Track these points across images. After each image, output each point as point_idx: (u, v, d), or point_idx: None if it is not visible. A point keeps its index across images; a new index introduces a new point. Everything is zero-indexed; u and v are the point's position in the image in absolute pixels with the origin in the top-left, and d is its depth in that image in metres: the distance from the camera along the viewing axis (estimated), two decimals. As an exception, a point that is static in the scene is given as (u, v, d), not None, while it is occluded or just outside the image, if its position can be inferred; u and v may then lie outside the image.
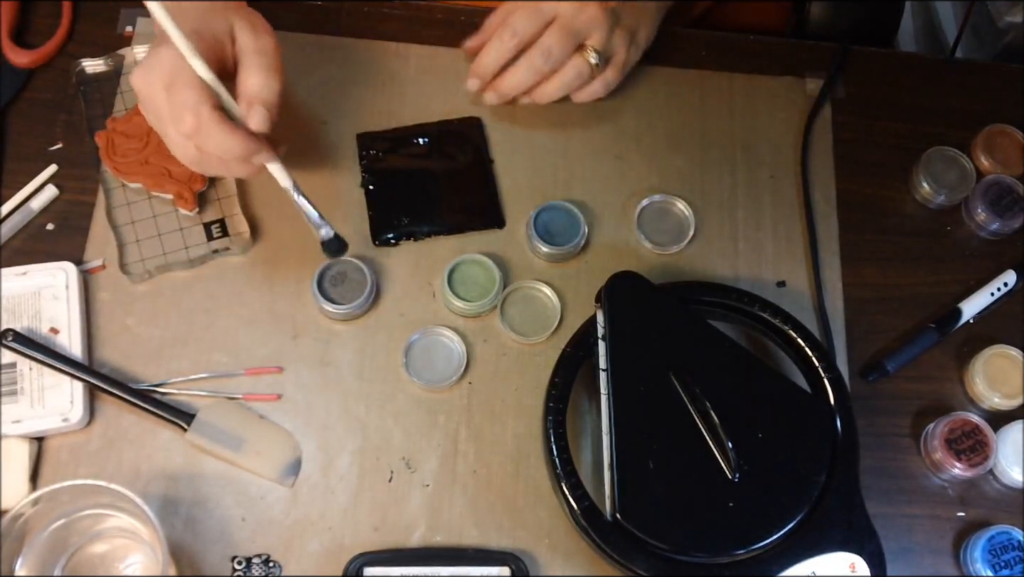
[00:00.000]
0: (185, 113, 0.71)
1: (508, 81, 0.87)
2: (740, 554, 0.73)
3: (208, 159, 0.75)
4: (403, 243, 0.87)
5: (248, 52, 0.75)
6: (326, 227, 0.80)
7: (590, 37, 0.87)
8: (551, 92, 0.88)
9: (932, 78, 0.98)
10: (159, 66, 0.72)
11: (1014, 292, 0.89)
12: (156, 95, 0.73)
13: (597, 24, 0.87)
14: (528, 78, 0.87)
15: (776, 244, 0.90)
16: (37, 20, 0.92)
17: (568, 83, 0.88)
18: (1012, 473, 0.82)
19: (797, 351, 0.81)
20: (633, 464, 0.73)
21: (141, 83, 0.74)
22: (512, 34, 0.86)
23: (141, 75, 0.74)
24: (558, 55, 0.86)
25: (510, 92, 0.88)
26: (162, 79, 0.72)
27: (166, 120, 0.74)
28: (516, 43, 0.86)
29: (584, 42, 0.87)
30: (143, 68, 0.74)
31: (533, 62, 0.86)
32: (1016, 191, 0.91)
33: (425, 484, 0.80)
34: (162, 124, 0.75)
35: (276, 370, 0.82)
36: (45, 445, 0.79)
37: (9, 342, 0.78)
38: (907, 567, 0.81)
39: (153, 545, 0.71)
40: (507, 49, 0.86)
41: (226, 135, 0.72)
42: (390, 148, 0.89)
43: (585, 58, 0.87)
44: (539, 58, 0.86)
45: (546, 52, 0.86)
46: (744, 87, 0.96)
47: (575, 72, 0.87)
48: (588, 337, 0.79)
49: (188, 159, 0.75)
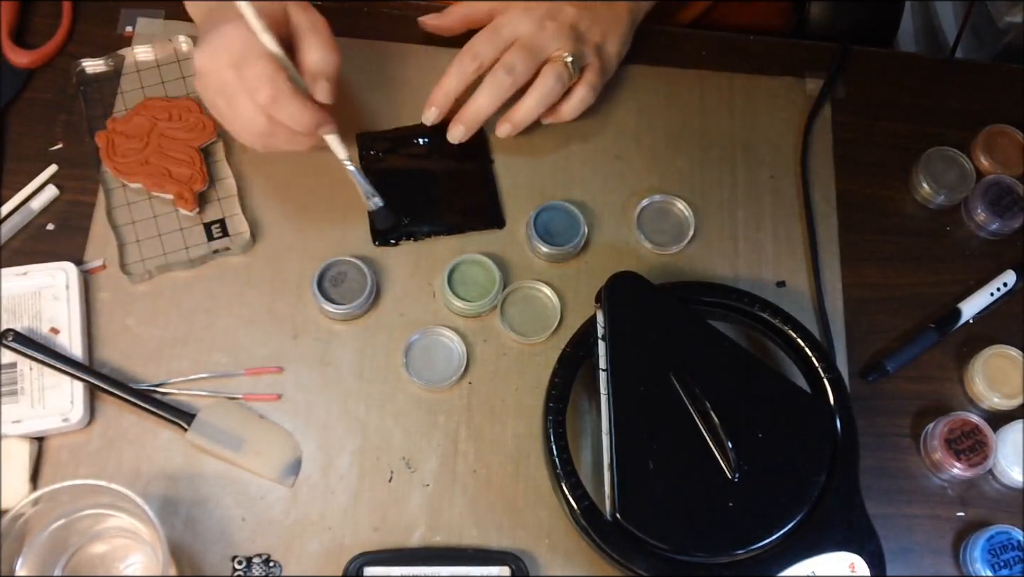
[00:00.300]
0: (263, 84, 0.74)
1: (474, 106, 0.86)
2: (740, 554, 0.73)
3: (277, 132, 0.77)
4: (403, 243, 0.87)
5: (305, 29, 0.77)
6: (376, 197, 0.83)
7: (554, 50, 0.86)
8: (530, 107, 0.86)
9: (932, 78, 0.98)
10: (225, 44, 0.74)
11: (1014, 292, 0.89)
12: (221, 71, 0.75)
13: (559, 38, 0.86)
14: (494, 97, 0.85)
15: (776, 244, 0.90)
16: (37, 20, 0.92)
17: (547, 92, 0.86)
18: (1012, 473, 0.82)
19: (797, 351, 0.81)
20: (633, 464, 0.73)
21: (206, 60, 0.76)
22: (472, 57, 0.85)
23: (207, 53, 0.76)
24: (521, 69, 0.84)
25: (477, 118, 0.86)
26: (230, 56, 0.74)
27: (232, 95, 0.75)
28: (476, 66, 0.85)
29: (550, 54, 0.86)
30: (208, 46, 0.75)
31: (496, 79, 0.84)
32: (1016, 191, 0.91)
33: (425, 484, 0.80)
34: (226, 100, 0.76)
35: (276, 370, 0.82)
36: (45, 445, 0.79)
37: (9, 342, 0.78)
38: (907, 567, 0.81)
39: (153, 545, 0.71)
40: (467, 73, 0.85)
41: (300, 106, 0.75)
42: (390, 148, 0.89)
43: (560, 61, 0.85)
44: (502, 74, 0.84)
45: (508, 67, 0.84)
46: (744, 87, 0.96)
47: (553, 77, 0.85)
48: (588, 337, 0.79)
49: (255, 132, 0.77)
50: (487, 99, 0.85)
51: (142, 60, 0.90)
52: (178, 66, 0.90)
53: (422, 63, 0.93)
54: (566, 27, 0.86)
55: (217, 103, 0.78)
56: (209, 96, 0.78)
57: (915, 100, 0.97)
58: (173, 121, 0.87)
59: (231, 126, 0.79)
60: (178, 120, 0.87)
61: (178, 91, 0.89)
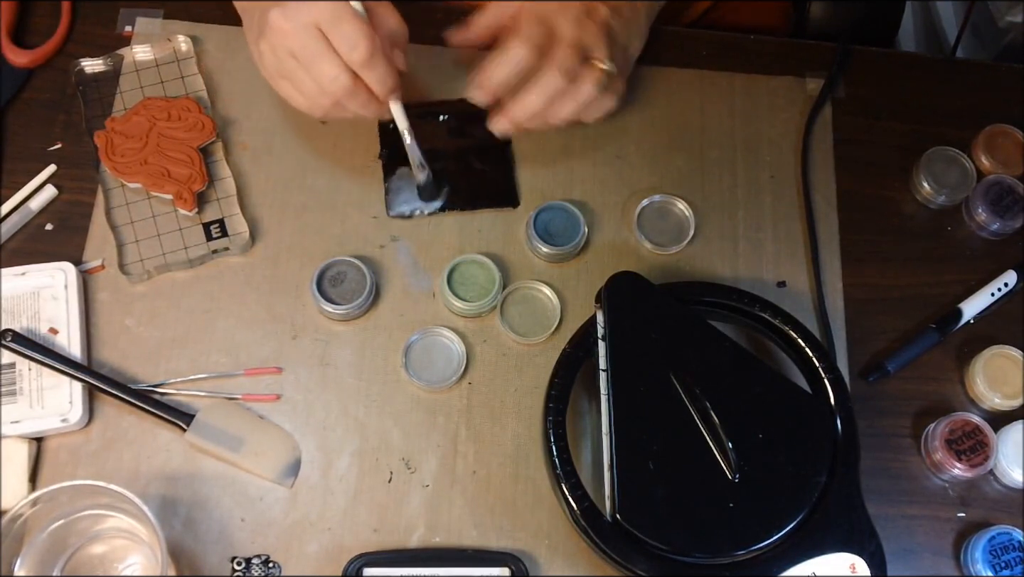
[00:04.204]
0: (361, 41, 0.75)
1: (526, 103, 0.82)
2: (740, 555, 0.73)
3: (356, 95, 0.78)
4: (416, 217, 0.87)
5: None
6: (426, 171, 0.85)
7: (595, 53, 0.83)
8: (566, 113, 0.83)
9: (933, 78, 0.98)
10: (308, 5, 0.75)
11: (1015, 292, 0.89)
12: (302, 31, 0.75)
13: (599, 39, 0.83)
14: (545, 98, 0.81)
15: (776, 244, 0.90)
16: (36, 20, 0.92)
17: (586, 99, 0.83)
18: (1012, 473, 0.82)
19: (797, 351, 0.81)
20: (633, 465, 0.73)
21: (285, 21, 0.76)
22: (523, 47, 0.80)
23: (286, 13, 0.76)
24: (573, 73, 0.81)
25: (526, 115, 0.82)
26: (315, 16, 0.75)
27: (313, 55, 0.76)
28: (527, 59, 0.80)
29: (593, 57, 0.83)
30: (287, 8, 0.76)
31: (551, 81, 0.81)
32: (1017, 191, 0.91)
33: (424, 485, 0.80)
34: (304, 60, 0.76)
35: (275, 370, 0.82)
36: (44, 445, 0.79)
37: (8, 342, 0.78)
38: (907, 568, 0.80)
39: (152, 546, 0.71)
40: (518, 65, 0.81)
41: (388, 67, 0.77)
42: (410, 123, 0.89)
43: (598, 68, 0.83)
44: (558, 77, 0.80)
45: (565, 70, 0.80)
46: (744, 87, 0.95)
47: (593, 85, 0.82)
48: (588, 337, 0.79)
49: (334, 93, 0.77)
50: (539, 98, 0.81)
51: (141, 60, 0.90)
52: (177, 66, 0.90)
53: (422, 62, 0.92)
54: (604, 27, 0.84)
55: (287, 65, 0.77)
56: (277, 58, 0.78)
57: (916, 100, 0.97)
58: (172, 121, 0.86)
59: (301, 88, 0.78)
60: (177, 120, 0.86)
61: (177, 91, 0.89)
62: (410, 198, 0.88)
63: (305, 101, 0.79)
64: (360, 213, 0.87)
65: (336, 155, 0.89)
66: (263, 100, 0.90)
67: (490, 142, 0.90)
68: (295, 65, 0.77)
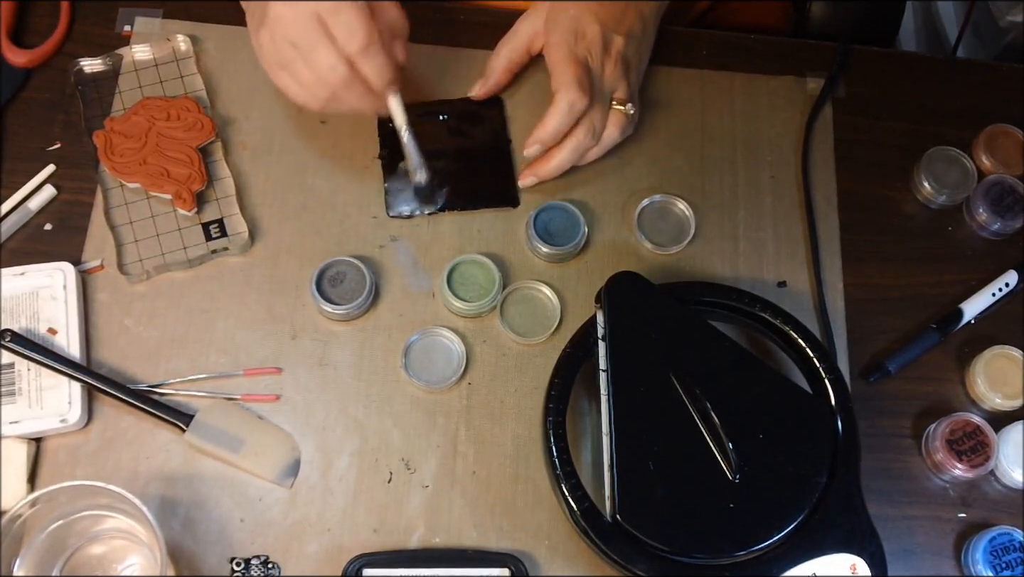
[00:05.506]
0: (358, 30, 0.74)
1: (556, 162, 0.86)
2: (741, 555, 0.72)
3: (352, 86, 0.77)
4: (416, 217, 0.87)
5: None
6: (423, 171, 0.84)
7: (616, 95, 0.87)
8: (591, 158, 0.88)
9: (933, 78, 0.98)
10: None
11: (1015, 292, 0.89)
12: (300, 19, 0.75)
13: (620, 79, 0.87)
14: (575, 157, 0.87)
15: (777, 244, 0.90)
16: (35, 20, 0.92)
17: (610, 144, 0.88)
18: (1013, 474, 0.82)
19: (798, 351, 0.80)
20: (633, 465, 0.73)
21: (285, 8, 0.75)
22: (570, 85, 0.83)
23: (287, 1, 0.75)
24: (600, 129, 0.86)
25: (553, 173, 0.87)
26: (313, 6, 0.74)
27: (312, 44, 0.75)
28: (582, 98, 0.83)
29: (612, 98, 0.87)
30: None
31: (581, 142, 0.85)
32: (1017, 191, 0.91)
33: (424, 485, 0.80)
34: (303, 49, 0.76)
35: (275, 371, 0.82)
36: (43, 446, 0.78)
37: (7, 343, 0.78)
38: (908, 568, 0.80)
39: (151, 546, 0.71)
40: (567, 123, 0.84)
41: (386, 58, 0.77)
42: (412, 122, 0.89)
43: (623, 112, 0.87)
44: (588, 138, 0.85)
45: (594, 131, 0.85)
46: (744, 87, 0.95)
47: (619, 131, 0.87)
48: (588, 337, 0.79)
49: (331, 83, 0.77)
50: (571, 155, 0.86)
51: (140, 59, 0.90)
52: (176, 65, 0.90)
53: (422, 62, 0.93)
54: (623, 61, 0.87)
55: (286, 53, 0.77)
56: (277, 46, 0.77)
57: (916, 100, 0.97)
58: (171, 120, 0.86)
59: (299, 78, 0.78)
60: (176, 119, 0.86)
61: (176, 90, 0.89)
62: (410, 198, 0.88)
63: (303, 92, 0.79)
64: (360, 213, 0.87)
65: (336, 155, 0.89)
66: (262, 100, 0.90)
67: (490, 142, 0.90)
68: (294, 55, 0.77)
